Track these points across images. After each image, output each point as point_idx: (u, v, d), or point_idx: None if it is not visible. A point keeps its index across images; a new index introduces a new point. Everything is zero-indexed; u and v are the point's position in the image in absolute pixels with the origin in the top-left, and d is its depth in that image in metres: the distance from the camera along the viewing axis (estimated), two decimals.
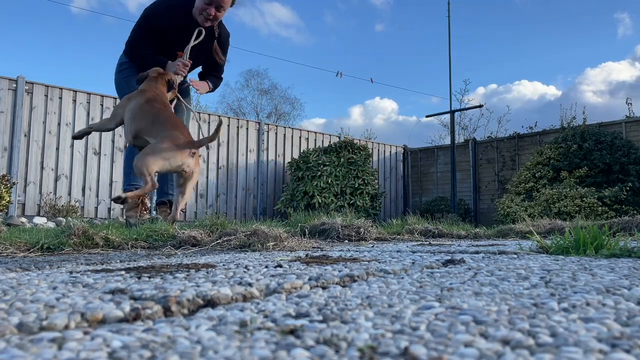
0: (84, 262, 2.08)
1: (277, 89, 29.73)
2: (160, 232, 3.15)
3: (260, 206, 10.75)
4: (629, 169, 9.01)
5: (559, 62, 39.74)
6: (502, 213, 9.56)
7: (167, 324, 0.81)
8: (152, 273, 1.45)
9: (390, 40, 40.66)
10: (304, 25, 40.19)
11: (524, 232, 4.71)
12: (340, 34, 40.37)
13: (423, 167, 13.61)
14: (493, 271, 1.50)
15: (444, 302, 0.97)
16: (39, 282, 1.27)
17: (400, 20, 39.58)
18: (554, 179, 9.63)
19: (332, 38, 40.06)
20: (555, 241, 2.35)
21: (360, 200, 9.93)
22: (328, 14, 39.43)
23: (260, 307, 0.93)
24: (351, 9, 39.59)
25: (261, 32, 37.70)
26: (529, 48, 38.31)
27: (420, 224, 5.36)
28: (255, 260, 1.97)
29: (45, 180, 8.08)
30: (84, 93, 8.66)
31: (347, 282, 1.30)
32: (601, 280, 1.27)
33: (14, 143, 7.82)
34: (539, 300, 0.98)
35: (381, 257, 2.03)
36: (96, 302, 0.95)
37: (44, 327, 0.77)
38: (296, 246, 2.95)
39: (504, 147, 12.05)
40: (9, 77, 7.95)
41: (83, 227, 2.82)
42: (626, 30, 37.02)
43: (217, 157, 10.16)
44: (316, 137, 11.99)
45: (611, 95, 32.44)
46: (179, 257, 2.33)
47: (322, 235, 4.15)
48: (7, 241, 2.58)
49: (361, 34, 40.67)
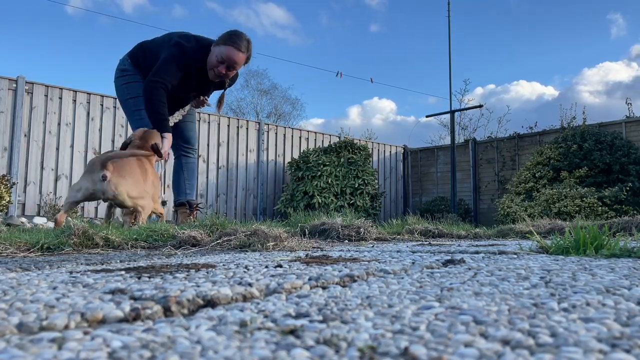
0: (84, 262, 2.08)
1: (277, 89, 29.76)
2: (160, 232, 3.15)
3: (260, 206, 10.75)
4: (629, 169, 9.01)
5: (557, 63, 39.83)
6: (502, 213, 9.56)
7: (167, 324, 0.81)
8: (152, 273, 1.45)
9: (386, 40, 40.69)
10: (300, 27, 40.19)
11: (524, 232, 4.72)
12: (336, 34, 40.40)
13: (423, 167, 13.61)
14: (493, 271, 1.50)
15: (444, 302, 0.97)
16: (39, 282, 1.27)
17: (394, 20, 39.61)
18: (554, 179, 9.63)
19: (328, 39, 40.08)
20: (555, 241, 2.35)
21: (360, 200, 9.92)
22: (323, 15, 39.43)
23: (260, 307, 0.93)
24: (346, 9, 39.61)
25: (257, 33, 37.71)
26: (526, 49, 38.41)
27: (420, 224, 5.36)
28: (255, 260, 1.97)
29: (45, 180, 8.08)
30: (84, 93, 8.66)
31: (347, 282, 1.30)
32: (601, 280, 1.27)
33: (14, 143, 7.82)
34: (539, 300, 0.98)
35: (381, 257, 2.03)
36: (96, 302, 0.95)
37: (44, 327, 0.77)
38: (296, 246, 2.95)
39: (504, 147, 12.05)
40: (9, 77, 7.95)
41: (83, 227, 2.82)
42: (620, 31, 37.14)
43: (217, 157, 10.15)
44: (316, 137, 11.99)
45: (608, 95, 32.52)
46: (179, 257, 2.33)
47: (322, 235, 4.15)
48: (7, 241, 2.58)
49: (357, 34, 40.70)
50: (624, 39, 37.19)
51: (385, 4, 39.32)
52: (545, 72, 40.49)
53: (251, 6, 38.20)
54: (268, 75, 35.19)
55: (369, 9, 39.92)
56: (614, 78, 35.58)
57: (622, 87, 32.39)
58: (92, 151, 8.57)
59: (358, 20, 40.64)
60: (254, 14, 38.20)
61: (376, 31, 39.71)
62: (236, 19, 37.60)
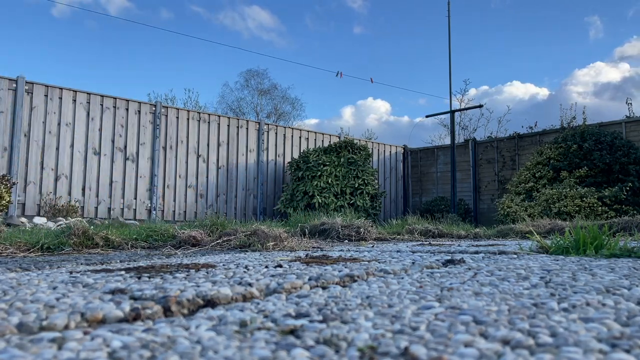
0: (84, 262, 2.08)
1: (277, 88, 29.71)
2: (160, 232, 3.15)
3: (260, 206, 10.75)
4: (629, 169, 9.01)
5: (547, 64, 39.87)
6: (502, 213, 9.57)
7: (167, 324, 0.81)
8: (152, 273, 1.45)
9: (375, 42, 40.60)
10: (286, 30, 40.06)
11: (524, 232, 4.71)
12: (323, 36, 40.22)
13: (423, 167, 13.61)
14: (493, 271, 1.50)
15: (444, 302, 0.97)
16: (39, 282, 1.27)
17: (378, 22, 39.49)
18: (554, 179, 9.64)
19: (315, 41, 39.91)
20: (555, 241, 2.35)
21: (360, 200, 9.93)
22: (307, 17, 39.29)
23: (260, 307, 0.93)
24: (329, 11, 39.45)
25: (242, 36, 37.57)
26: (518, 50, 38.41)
27: (420, 224, 5.36)
28: (255, 260, 1.97)
29: (45, 180, 8.08)
30: (84, 93, 8.66)
31: (347, 282, 1.30)
32: (601, 280, 1.27)
33: (14, 143, 7.82)
34: (539, 300, 0.98)
35: (381, 257, 2.03)
36: (96, 302, 0.95)
37: (44, 327, 0.77)
38: (296, 246, 2.95)
39: (504, 147, 12.05)
40: (9, 77, 7.95)
41: (83, 227, 2.82)
42: (598, 33, 37.25)
43: (217, 157, 10.16)
44: (316, 137, 11.99)
45: (596, 95, 32.58)
46: (179, 257, 2.32)
47: (322, 235, 4.15)
48: (7, 241, 2.58)
49: (344, 36, 40.58)
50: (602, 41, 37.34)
51: (368, 6, 39.24)
52: (536, 74, 40.57)
53: (236, 9, 38.07)
54: (268, 75, 35.18)
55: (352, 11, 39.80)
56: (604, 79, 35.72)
57: (611, 88, 32.51)
58: (92, 151, 8.58)
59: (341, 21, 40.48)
60: (239, 16, 38.07)
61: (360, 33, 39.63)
62: (222, 22, 37.53)
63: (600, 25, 35.78)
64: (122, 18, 38.05)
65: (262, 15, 37.94)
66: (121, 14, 34.39)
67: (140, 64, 36.50)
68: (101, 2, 33.17)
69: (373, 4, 37.70)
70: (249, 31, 37.64)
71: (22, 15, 32.49)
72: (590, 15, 35.87)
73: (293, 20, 39.40)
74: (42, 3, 34.93)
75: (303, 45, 39.05)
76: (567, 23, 35.80)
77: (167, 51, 36.71)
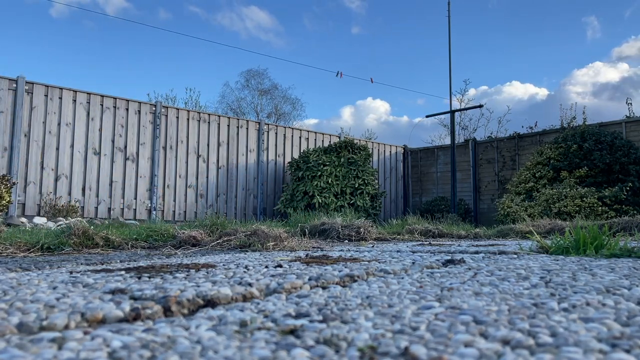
0: (84, 262, 2.08)
1: (277, 88, 29.69)
2: (160, 232, 3.15)
3: (261, 206, 10.75)
4: (629, 169, 9.01)
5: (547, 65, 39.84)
6: (502, 213, 9.56)
7: (167, 324, 0.81)
8: (152, 273, 1.45)
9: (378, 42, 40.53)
10: (284, 30, 39.97)
11: (524, 232, 4.71)
12: (321, 36, 40.13)
13: (423, 167, 13.61)
14: (493, 271, 1.50)
15: (444, 302, 0.97)
16: (39, 282, 1.27)
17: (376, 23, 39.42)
18: (554, 179, 9.63)
19: (313, 41, 39.80)
20: (555, 241, 2.35)
21: (360, 200, 9.93)
22: (305, 18, 39.21)
23: (260, 307, 0.93)
24: (327, 12, 39.38)
25: (240, 36, 37.51)
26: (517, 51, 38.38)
27: (420, 224, 5.36)
28: (255, 260, 1.97)
29: (45, 180, 8.08)
30: (84, 93, 8.66)
31: (347, 282, 1.30)
32: (601, 280, 1.27)
33: (14, 143, 7.83)
34: (539, 300, 0.98)
35: (381, 257, 2.03)
36: (96, 302, 0.95)
37: (44, 327, 0.77)
38: (296, 246, 2.95)
39: (504, 147, 12.05)
40: (9, 77, 7.95)
41: (83, 227, 2.82)
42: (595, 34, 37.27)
43: (217, 157, 10.16)
44: (316, 137, 12.00)
45: (595, 95, 32.59)
46: (179, 257, 2.32)
47: (322, 235, 4.15)
48: (7, 241, 2.58)
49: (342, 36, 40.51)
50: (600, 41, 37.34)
51: (366, 7, 39.14)
52: (535, 74, 40.55)
53: (234, 9, 38.01)
54: (268, 75, 35.16)
55: (350, 12, 39.72)
56: (602, 79, 35.73)
57: (609, 88, 32.53)
58: (92, 151, 8.58)
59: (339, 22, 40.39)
60: (237, 17, 37.99)
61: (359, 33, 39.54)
62: (220, 22, 37.49)
63: (598, 25, 35.85)
64: (121, 18, 38.03)
65: (260, 15, 37.92)
66: (119, 14, 34.39)
67: (140, 64, 36.48)
68: (99, 3, 33.17)
69: (370, 5, 37.68)
70: (247, 31, 37.63)
71: (21, 16, 32.48)
72: (587, 16, 35.93)
73: (291, 20, 39.38)
74: (41, 3, 34.93)
75: (301, 45, 39.04)
76: (565, 23, 35.87)
77: (167, 51, 36.70)
